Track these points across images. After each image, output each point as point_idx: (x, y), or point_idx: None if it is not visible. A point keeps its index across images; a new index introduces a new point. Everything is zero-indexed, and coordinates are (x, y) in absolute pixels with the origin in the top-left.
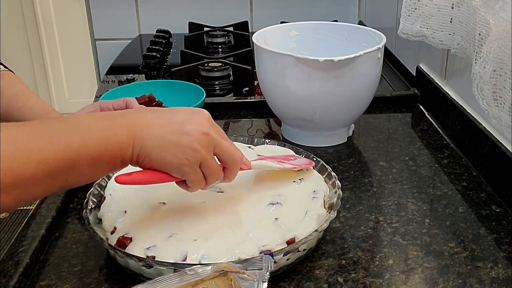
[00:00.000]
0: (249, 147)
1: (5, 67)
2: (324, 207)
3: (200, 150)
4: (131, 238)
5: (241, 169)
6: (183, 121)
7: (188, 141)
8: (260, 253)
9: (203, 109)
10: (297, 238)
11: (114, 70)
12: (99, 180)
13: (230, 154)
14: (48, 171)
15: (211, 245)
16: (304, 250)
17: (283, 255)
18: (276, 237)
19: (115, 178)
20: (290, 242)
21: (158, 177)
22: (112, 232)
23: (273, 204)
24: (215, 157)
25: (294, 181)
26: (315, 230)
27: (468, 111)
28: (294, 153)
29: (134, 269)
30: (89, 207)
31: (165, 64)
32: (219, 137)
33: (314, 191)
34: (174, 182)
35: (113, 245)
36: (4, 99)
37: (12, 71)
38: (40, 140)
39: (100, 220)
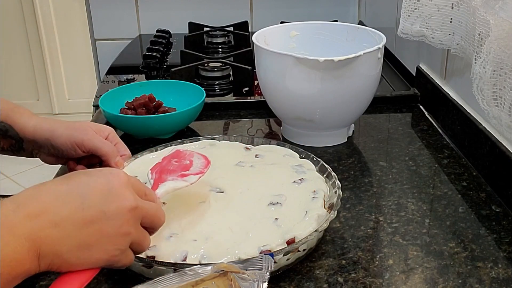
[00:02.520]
0: (247, 147)
1: None
2: (324, 207)
3: (131, 232)
4: None
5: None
6: (101, 201)
7: (115, 227)
8: (260, 253)
9: (117, 170)
10: (297, 238)
11: (114, 70)
12: None
13: (158, 218)
14: None
15: (211, 245)
16: (304, 250)
17: (283, 255)
18: (276, 237)
19: None
20: (290, 242)
21: (86, 277)
22: None
23: (273, 204)
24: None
25: (294, 181)
26: (315, 230)
27: (468, 111)
28: (181, 150)
29: (135, 269)
30: None
31: (165, 64)
32: (145, 205)
33: (314, 191)
34: None
35: None
36: None
37: None
38: None
39: None
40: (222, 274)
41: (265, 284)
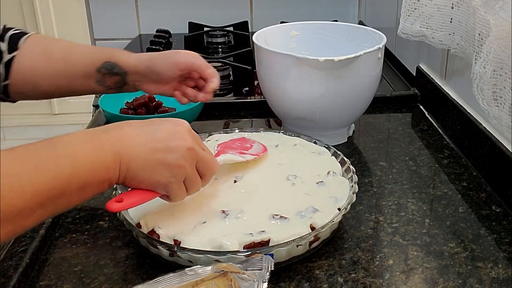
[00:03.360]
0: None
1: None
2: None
3: (186, 167)
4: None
5: None
6: (167, 137)
7: (174, 159)
8: (260, 253)
9: (183, 120)
10: (317, 225)
11: None
12: None
13: (210, 167)
14: (40, 201)
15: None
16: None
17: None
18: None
19: (107, 207)
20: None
21: (146, 196)
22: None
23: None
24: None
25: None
26: (332, 220)
27: (468, 111)
28: (246, 137)
29: (166, 257)
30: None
31: None
32: (201, 151)
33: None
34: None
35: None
36: (59, 55)
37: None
38: (31, 170)
39: None
40: (222, 274)
41: (265, 284)
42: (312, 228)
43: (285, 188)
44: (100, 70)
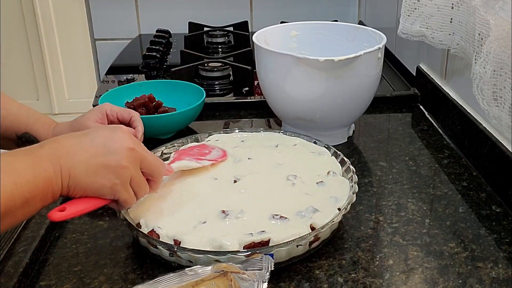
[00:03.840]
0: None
1: None
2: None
3: (129, 167)
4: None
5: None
6: (105, 141)
7: (116, 160)
8: (259, 252)
9: (121, 125)
10: (317, 225)
11: (114, 70)
12: None
13: (156, 167)
14: None
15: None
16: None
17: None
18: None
19: (49, 216)
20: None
21: (92, 204)
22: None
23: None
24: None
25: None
26: (332, 220)
27: (468, 111)
28: (206, 144)
29: (166, 257)
30: None
31: (165, 64)
32: (144, 151)
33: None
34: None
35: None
36: None
37: None
38: None
39: None
40: (222, 274)
41: (265, 284)
42: (312, 228)
43: (285, 188)
44: (21, 138)
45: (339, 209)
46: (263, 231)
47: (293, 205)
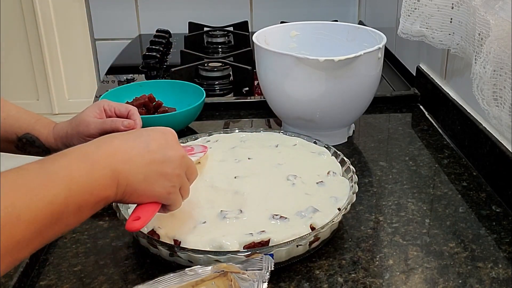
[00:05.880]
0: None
1: None
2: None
3: (182, 175)
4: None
5: None
6: (161, 147)
7: (172, 168)
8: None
9: (169, 128)
10: (317, 225)
11: (114, 70)
12: None
13: (195, 172)
14: (38, 229)
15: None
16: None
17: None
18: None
19: (129, 229)
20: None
21: (155, 209)
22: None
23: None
24: None
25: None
26: (332, 220)
27: (468, 111)
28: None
29: (166, 257)
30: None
31: (165, 64)
32: (189, 158)
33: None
34: None
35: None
36: None
37: None
38: (25, 196)
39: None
40: (222, 274)
41: (265, 284)
42: (312, 228)
43: (285, 188)
44: (21, 139)
45: (339, 209)
46: (263, 231)
47: (293, 205)
